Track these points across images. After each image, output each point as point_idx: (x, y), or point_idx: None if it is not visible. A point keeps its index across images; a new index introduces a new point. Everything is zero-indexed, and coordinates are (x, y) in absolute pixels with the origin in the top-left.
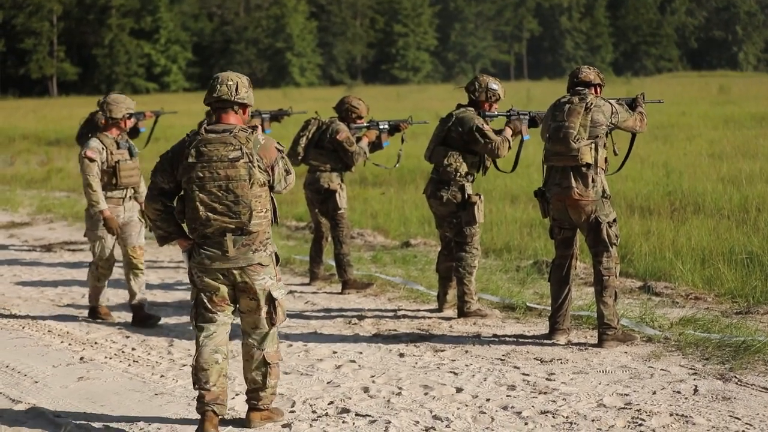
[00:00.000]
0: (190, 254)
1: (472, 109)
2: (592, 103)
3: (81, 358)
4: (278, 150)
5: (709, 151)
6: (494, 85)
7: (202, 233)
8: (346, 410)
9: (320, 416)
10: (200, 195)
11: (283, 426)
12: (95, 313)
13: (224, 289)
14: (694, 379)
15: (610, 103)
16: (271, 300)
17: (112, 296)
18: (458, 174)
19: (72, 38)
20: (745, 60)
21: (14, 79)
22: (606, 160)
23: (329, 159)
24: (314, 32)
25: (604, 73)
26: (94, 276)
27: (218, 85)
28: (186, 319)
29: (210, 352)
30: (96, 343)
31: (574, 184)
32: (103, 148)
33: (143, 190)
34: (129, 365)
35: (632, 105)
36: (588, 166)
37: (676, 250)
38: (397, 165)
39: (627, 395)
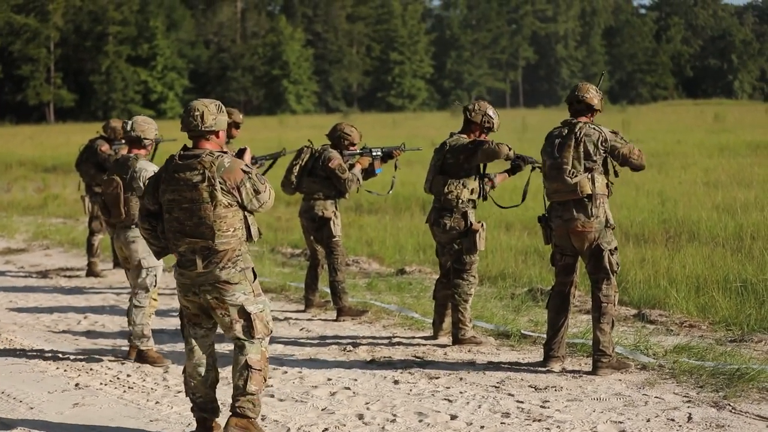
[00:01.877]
0: (175, 267)
1: (465, 135)
2: (582, 132)
3: (76, 385)
4: (244, 171)
5: (704, 180)
6: (491, 112)
7: (177, 251)
8: None
9: None
10: (169, 217)
11: None
12: (145, 358)
13: (194, 308)
14: (688, 407)
15: (599, 129)
16: (245, 314)
17: (108, 323)
18: (460, 201)
19: (69, 65)
20: (741, 88)
21: (11, 106)
22: (608, 185)
23: (322, 186)
24: (310, 60)
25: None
26: (148, 313)
27: (187, 117)
28: (181, 344)
29: (193, 366)
30: (91, 369)
31: (575, 215)
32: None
33: None
34: (124, 392)
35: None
36: (589, 197)
37: (670, 278)
38: (390, 192)
39: (621, 423)
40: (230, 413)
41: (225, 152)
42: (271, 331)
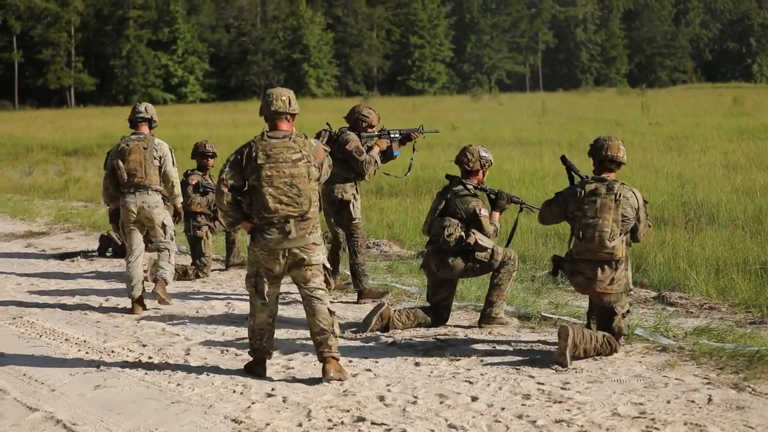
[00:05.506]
0: (253, 236)
1: (470, 184)
2: (620, 194)
3: (98, 367)
4: (325, 150)
5: (724, 162)
6: (484, 152)
7: (269, 220)
8: (361, 419)
9: (336, 425)
10: (269, 189)
11: None
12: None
13: (279, 269)
14: (708, 389)
15: (634, 193)
16: (326, 269)
17: (129, 305)
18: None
19: (90, 49)
20: (759, 72)
21: (32, 90)
22: (630, 244)
23: (341, 169)
24: (330, 43)
25: (619, 85)
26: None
27: (274, 101)
28: (203, 327)
29: (266, 317)
30: (113, 351)
31: (600, 277)
32: None
33: None
34: (146, 373)
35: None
36: (620, 260)
37: (690, 261)
38: (408, 174)
39: (641, 404)
40: (324, 358)
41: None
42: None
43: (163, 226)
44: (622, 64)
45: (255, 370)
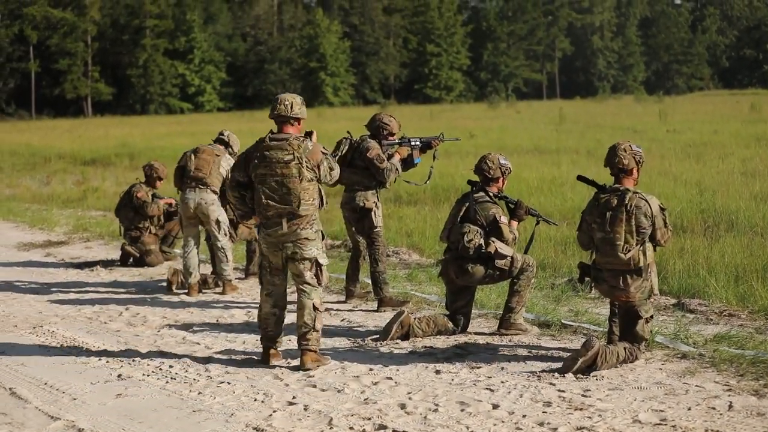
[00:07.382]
0: (258, 230)
1: (491, 191)
2: (632, 204)
3: (119, 376)
4: (323, 152)
5: (742, 169)
6: (503, 160)
7: (265, 215)
8: (383, 426)
9: None
10: (262, 187)
11: None
12: (233, 287)
13: (278, 261)
14: (729, 396)
15: (647, 201)
16: (318, 265)
17: (149, 314)
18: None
19: (106, 58)
20: None
21: (49, 100)
22: (655, 249)
23: (362, 177)
24: (347, 52)
25: (636, 92)
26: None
27: (278, 105)
28: (223, 335)
29: (269, 307)
30: (133, 360)
31: (622, 286)
32: None
33: None
34: (167, 382)
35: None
36: (639, 270)
37: (710, 268)
38: (428, 182)
39: (662, 411)
40: (301, 350)
41: (307, 136)
42: (328, 282)
43: (218, 222)
44: (639, 72)
45: (263, 359)
